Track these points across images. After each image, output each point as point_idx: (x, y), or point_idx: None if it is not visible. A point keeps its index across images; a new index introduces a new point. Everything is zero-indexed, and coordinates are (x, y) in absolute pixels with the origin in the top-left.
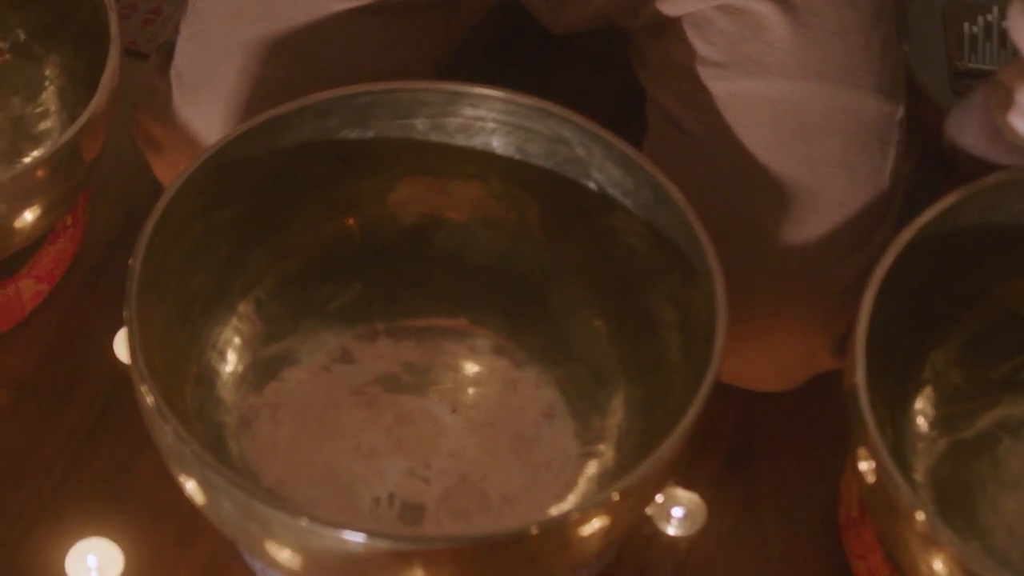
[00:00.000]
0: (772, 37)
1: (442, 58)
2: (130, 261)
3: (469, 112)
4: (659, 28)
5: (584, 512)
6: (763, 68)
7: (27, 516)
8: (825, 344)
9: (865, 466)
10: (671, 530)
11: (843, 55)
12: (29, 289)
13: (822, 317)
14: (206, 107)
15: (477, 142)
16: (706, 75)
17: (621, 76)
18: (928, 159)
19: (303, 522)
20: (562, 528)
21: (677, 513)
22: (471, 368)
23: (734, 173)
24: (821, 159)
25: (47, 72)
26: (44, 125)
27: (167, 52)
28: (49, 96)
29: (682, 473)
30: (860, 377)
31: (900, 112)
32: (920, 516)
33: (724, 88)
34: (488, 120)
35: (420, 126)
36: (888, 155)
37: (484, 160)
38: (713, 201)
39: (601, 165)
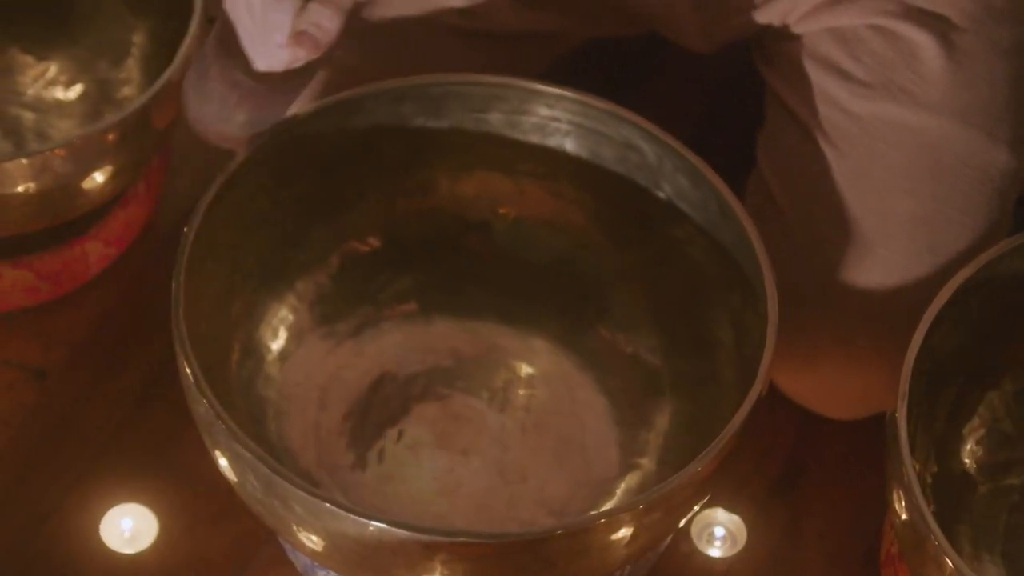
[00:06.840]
0: (924, 69)
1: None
2: (185, 229)
3: (544, 112)
4: (793, 33)
5: (607, 520)
6: (910, 97)
7: (69, 476)
8: None
9: (898, 502)
10: (710, 551)
11: (988, 103)
12: (95, 252)
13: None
14: None
15: (551, 142)
16: (847, 89)
17: (709, 88)
18: None
19: (325, 504)
20: (583, 534)
21: (718, 533)
22: (524, 368)
23: (852, 186)
24: (946, 200)
25: (134, 39)
26: (126, 91)
27: None
28: (134, 62)
29: (727, 494)
30: (901, 411)
31: None
32: (947, 561)
33: (865, 107)
34: (563, 121)
35: (495, 121)
36: (1007, 210)
37: (556, 161)
38: (824, 203)
39: (671, 175)
